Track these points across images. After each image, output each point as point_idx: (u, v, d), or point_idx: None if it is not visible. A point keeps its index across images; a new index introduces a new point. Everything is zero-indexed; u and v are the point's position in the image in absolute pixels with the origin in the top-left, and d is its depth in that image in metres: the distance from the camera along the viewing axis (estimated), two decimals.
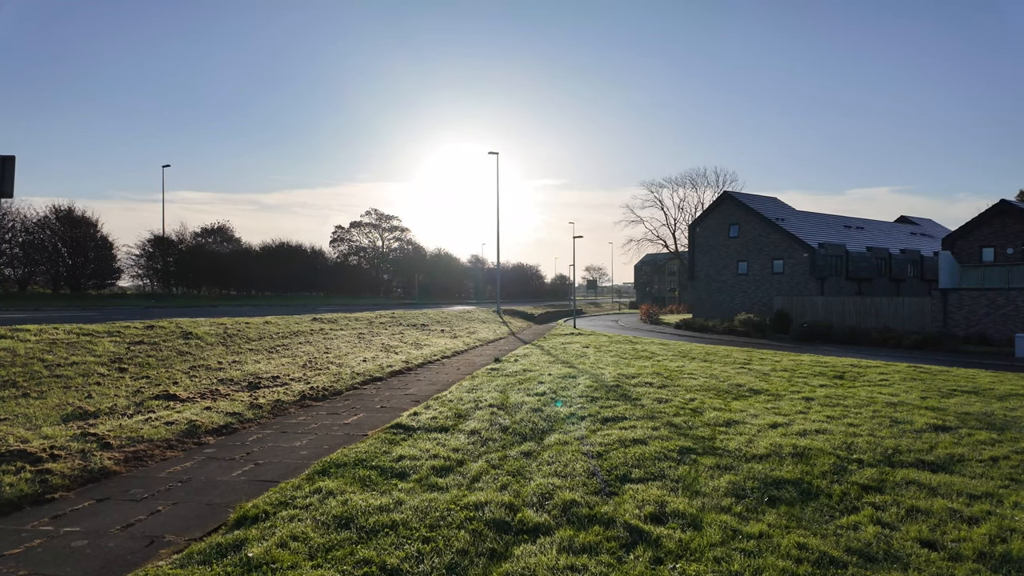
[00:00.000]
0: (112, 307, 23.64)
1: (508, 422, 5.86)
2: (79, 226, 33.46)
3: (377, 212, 68.34)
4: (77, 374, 7.17)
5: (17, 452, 4.37)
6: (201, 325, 12.04)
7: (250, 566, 2.69)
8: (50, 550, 3.08)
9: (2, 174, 8.13)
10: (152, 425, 5.47)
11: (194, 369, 8.40)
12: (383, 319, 19.53)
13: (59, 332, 9.22)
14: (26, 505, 3.74)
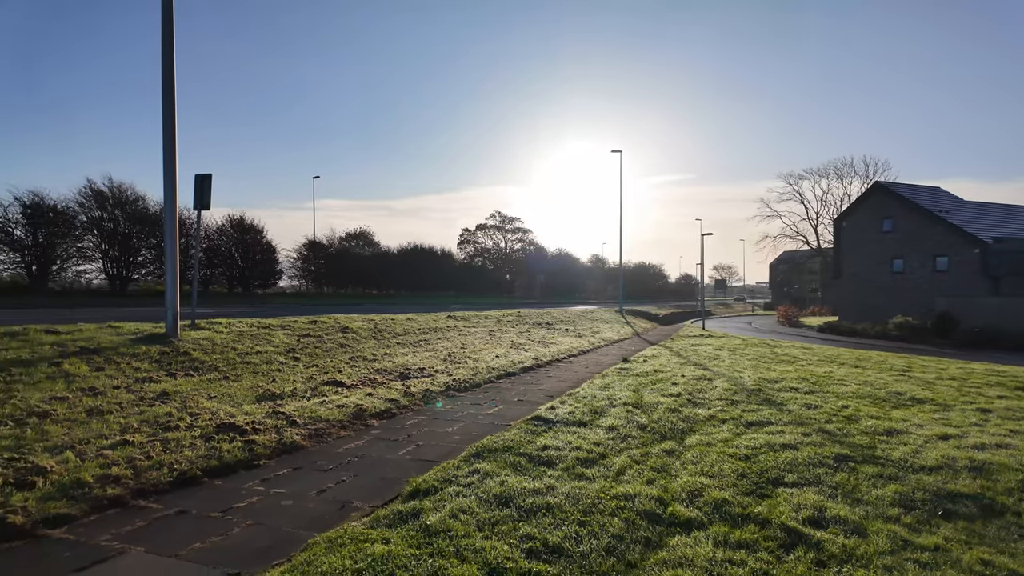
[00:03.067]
0: (275, 304, 26.69)
1: (645, 421, 5.92)
2: (249, 233, 38.18)
3: (500, 214, 70.35)
4: (262, 361, 8.30)
5: (228, 425, 5.21)
6: (354, 321, 13.29)
7: (429, 532, 3.06)
8: (265, 507, 3.69)
9: (202, 190, 9.60)
10: (327, 407, 6.22)
11: (353, 360, 9.34)
12: (509, 317, 20.19)
13: (243, 325, 10.69)
14: (240, 469, 4.47)
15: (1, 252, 27.88)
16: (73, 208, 29.57)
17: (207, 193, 9.49)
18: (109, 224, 30.79)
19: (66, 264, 30.21)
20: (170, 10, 8.75)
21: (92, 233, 30.48)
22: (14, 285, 27.76)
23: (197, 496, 3.86)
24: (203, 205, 9.58)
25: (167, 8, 8.72)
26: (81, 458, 4.12)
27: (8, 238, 27.70)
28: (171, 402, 5.88)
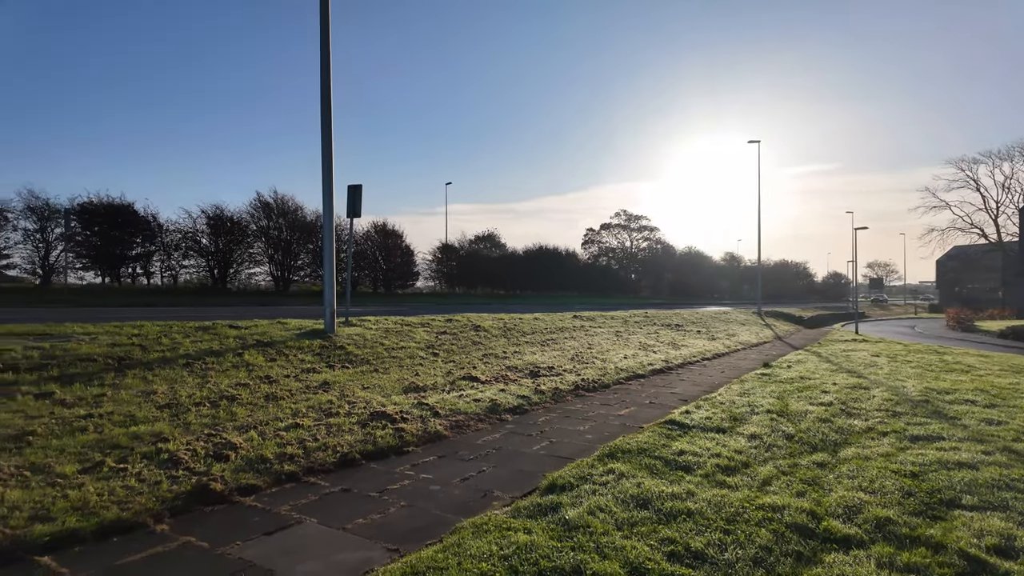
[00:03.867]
0: (413, 303, 28.43)
1: (792, 430, 5.55)
2: (390, 237, 41.17)
3: (626, 213, 69.05)
4: (405, 356, 8.94)
5: (380, 413, 5.69)
6: (485, 320, 13.83)
7: (569, 526, 3.14)
8: (416, 490, 3.99)
9: (354, 199, 10.52)
10: (464, 401, 6.56)
11: (486, 357, 9.73)
12: (637, 318, 19.80)
13: (388, 323, 11.57)
14: (391, 454, 4.87)
15: (191, 257, 32.63)
16: (245, 218, 33.79)
17: (358, 202, 10.42)
18: (274, 232, 34.75)
19: (240, 267, 34.59)
20: (327, 60, 9.72)
21: (260, 240, 34.59)
22: (201, 286, 32.35)
23: (356, 476, 4.27)
24: (355, 213, 10.53)
25: (325, 58, 9.70)
26: (262, 437, 4.73)
27: (197, 245, 32.36)
28: (331, 391, 6.54)
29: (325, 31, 9.67)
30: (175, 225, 31.63)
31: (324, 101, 9.63)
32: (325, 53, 9.64)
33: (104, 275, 30.24)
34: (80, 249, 28.30)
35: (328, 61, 9.67)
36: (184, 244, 32.09)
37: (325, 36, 9.66)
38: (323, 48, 9.65)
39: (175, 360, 6.93)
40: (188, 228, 31.97)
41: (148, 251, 31.12)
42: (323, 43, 9.66)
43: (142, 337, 7.66)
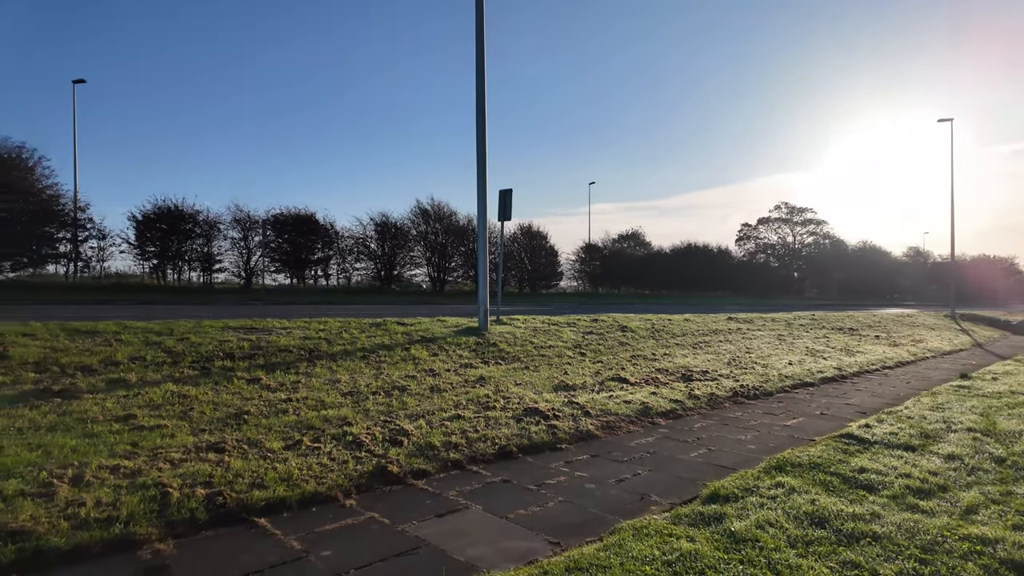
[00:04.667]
0: (557, 303, 28.79)
1: (1002, 453, 4.77)
2: (535, 238, 42.19)
3: (788, 205, 63.66)
4: (554, 355, 9.11)
5: (533, 409, 5.87)
6: (632, 320, 13.60)
7: (735, 539, 3.00)
8: (572, 487, 4.07)
9: (505, 203, 10.94)
10: (614, 402, 6.53)
11: (634, 358, 9.58)
12: (802, 320, 18.18)
13: (536, 322, 11.86)
14: (545, 450, 5.00)
15: (362, 261, 36.19)
16: (407, 224, 36.66)
17: (508, 206, 10.83)
18: (431, 236, 37.29)
19: (402, 269, 37.58)
20: (482, 64, 10.23)
21: (420, 244, 37.30)
22: (370, 286, 35.75)
23: (514, 469, 4.46)
24: (505, 216, 10.96)
25: (479, 61, 10.22)
26: (430, 426, 5.12)
27: (367, 250, 35.80)
28: (487, 386, 6.87)
29: (480, 64, 10.19)
30: (348, 232, 35.26)
31: (479, 120, 10.17)
32: (480, 82, 10.18)
33: (292, 277, 34.60)
34: (273, 254, 32.69)
35: (483, 89, 10.20)
36: (356, 249, 35.66)
37: (480, 67, 10.18)
38: (478, 76, 10.19)
39: (354, 353, 7.74)
40: (359, 234, 35.46)
41: (327, 255, 35.02)
42: (478, 71, 10.19)
43: (327, 332, 8.65)
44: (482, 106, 10.19)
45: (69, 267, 29.59)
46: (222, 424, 4.79)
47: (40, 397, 4.95)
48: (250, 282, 32.16)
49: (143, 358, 6.38)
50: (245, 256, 32.12)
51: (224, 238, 31.63)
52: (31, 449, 3.87)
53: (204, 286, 31.53)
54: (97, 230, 29.54)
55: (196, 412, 5.00)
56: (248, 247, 31.99)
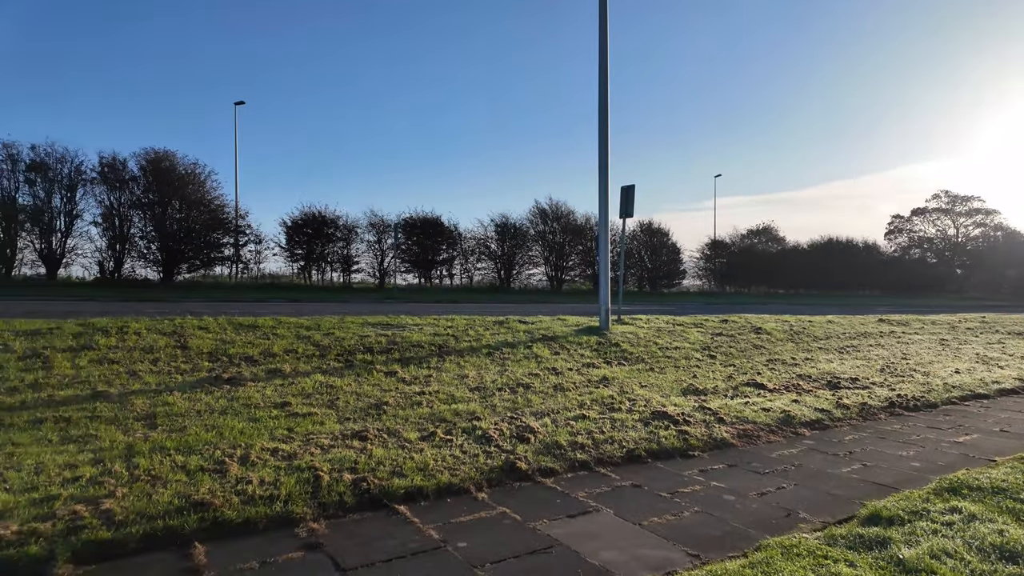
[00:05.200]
0: (680, 302, 27.70)
1: None
2: (656, 235, 40.96)
3: (948, 194, 56.17)
4: (680, 357, 8.75)
5: (660, 413, 5.66)
6: (767, 321, 12.71)
7: (905, 568, 2.66)
8: (708, 497, 3.85)
9: (627, 200, 10.69)
10: (751, 409, 6.12)
11: (771, 363, 8.93)
12: (969, 324, 15.95)
13: (659, 322, 11.47)
14: (676, 456, 4.80)
15: (483, 261, 37.35)
16: (525, 224, 37.26)
17: (631, 202, 10.57)
18: (549, 236, 37.56)
19: (521, 269, 38.25)
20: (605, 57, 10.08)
21: (538, 244, 37.72)
22: (490, 286, 36.78)
23: (644, 474, 4.31)
24: (627, 213, 10.71)
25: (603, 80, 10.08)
26: (555, 424, 5.11)
27: (487, 250, 36.89)
28: (610, 386, 6.75)
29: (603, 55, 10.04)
30: (471, 233, 36.55)
31: (601, 115, 10.03)
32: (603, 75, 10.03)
33: (420, 276, 36.52)
34: (403, 256, 34.70)
35: (606, 84, 10.04)
36: (477, 249, 36.85)
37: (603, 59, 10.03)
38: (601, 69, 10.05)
39: (479, 349, 7.97)
40: (480, 236, 36.62)
41: (451, 256, 36.56)
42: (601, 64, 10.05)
43: (454, 329, 8.99)
44: (604, 100, 10.03)
45: (232, 268, 33.50)
46: (364, 414, 5.13)
47: (213, 384, 5.62)
48: (383, 281, 34.39)
49: (295, 351, 7.02)
50: (379, 257, 34.41)
51: (361, 241, 34.13)
52: (207, 430, 4.39)
53: (344, 285, 34.22)
54: (255, 235, 33.15)
55: (341, 401, 5.40)
56: (382, 249, 34.23)
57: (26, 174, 27.17)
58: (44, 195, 27.86)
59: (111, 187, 28.68)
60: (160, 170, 28.95)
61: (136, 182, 29.04)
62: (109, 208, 28.90)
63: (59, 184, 27.96)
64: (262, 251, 33.73)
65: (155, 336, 7.03)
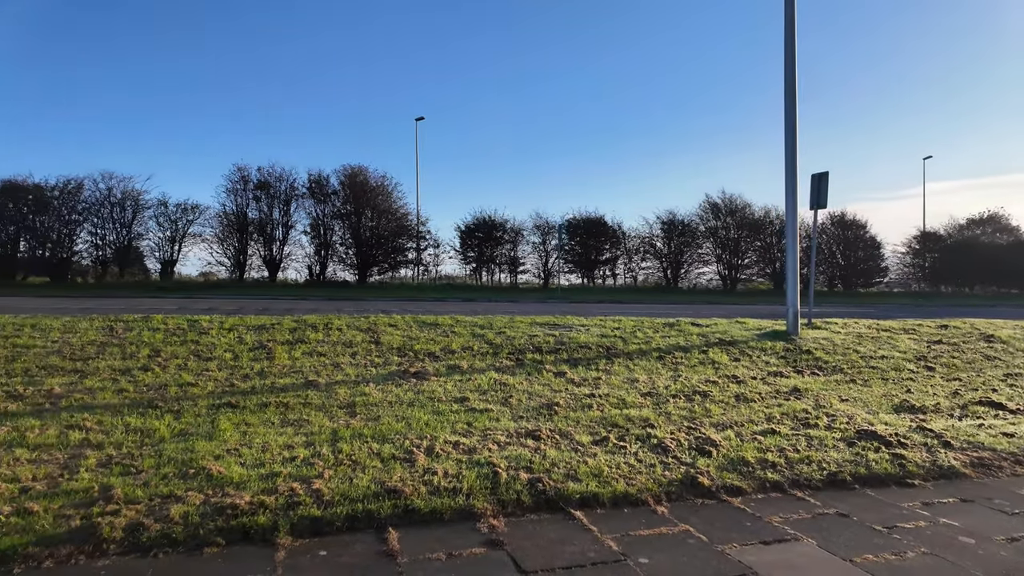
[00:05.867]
0: (881, 304, 24.30)
1: None
2: (850, 228, 36.41)
3: None
4: (889, 367, 7.58)
5: (867, 432, 4.93)
6: (1000, 327, 10.57)
7: None
8: (937, 536, 3.23)
9: (819, 188, 9.58)
10: (987, 433, 5.08)
11: (1010, 377, 7.38)
12: None
13: (859, 326, 10.11)
14: (890, 483, 4.12)
15: (648, 260, 36.37)
16: (695, 220, 35.50)
17: (824, 192, 9.45)
18: (722, 232, 35.35)
19: (689, 268, 36.51)
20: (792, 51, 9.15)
21: (709, 240, 35.71)
22: (656, 286, 35.67)
23: (850, 501, 3.76)
24: (819, 204, 9.60)
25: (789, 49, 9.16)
26: (739, 438, 4.70)
27: (652, 249, 35.85)
28: (803, 399, 6.05)
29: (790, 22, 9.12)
30: (635, 232, 35.84)
31: (788, 98, 9.12)
32: (790, 44, 9.11)
33: (583, 277, 36.66)
34: (567, 256, 35.11)
35: (793, 50, 9.10)
36: (642, 248, 35.99)
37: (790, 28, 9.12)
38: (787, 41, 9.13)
39: (649, 352, 7.68)
40: (645, 234, 35.71)
41: (614, 256, 36.17)
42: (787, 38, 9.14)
43: (621, 330, 8.79)
44: (792, 79, 9.09)
45: (415, 271, 36.61)
46: (536, 413, 5.19)
47: (402, 377, 6.10)
48: (547, 281, 35.11)
49: (471, 348, 7.37)
50: (543, 258, 35.22)
51: (527, 243, 35.23)
52: (398, 420, 4.76)
53: (511, 285, 35.57)
54: (433, 240, 35.89)
55: (514, 399, 5.52)
56: (546, 250, 35.01)
57: (254, 192, 32.36)
58: (267, 209, 32.94)
59: (317, 200, 33.02)
60: (355, 184, 32.65)
61: (336, 195, 33.10)
62: (316, 219, 33.33)
63: (278, 200, 32.86)
64: (439, 254, 36.36)
65: (354, 332, 7.86)
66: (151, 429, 4.29)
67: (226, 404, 4.97)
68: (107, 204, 31.53)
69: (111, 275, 32.45)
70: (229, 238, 32.94)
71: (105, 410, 4.70)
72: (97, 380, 5.50)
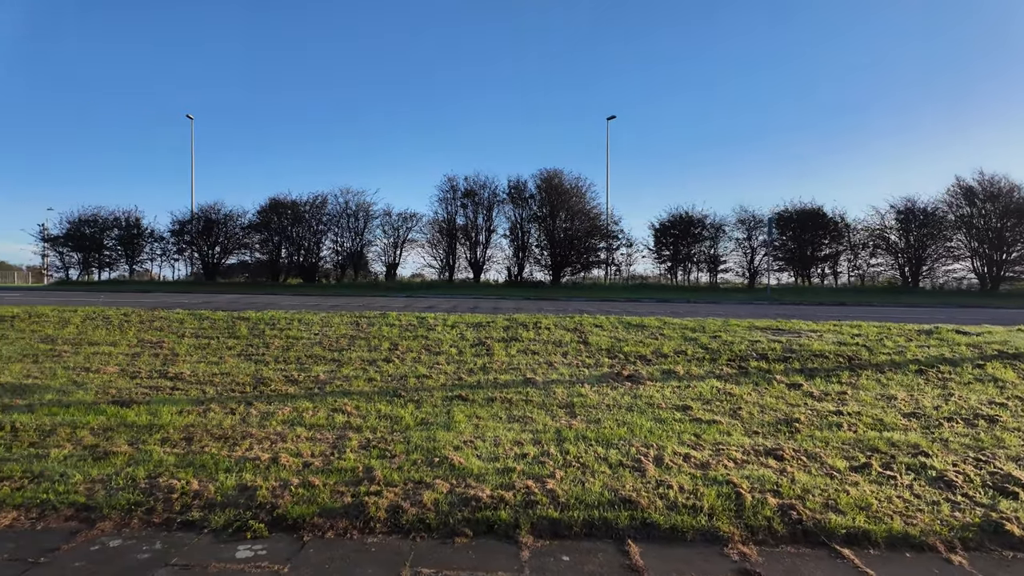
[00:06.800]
0: None
1: None
2: None
3: None
4: None
5: None
6: None
7: None
8: None
9: None
10: None
11: None
12: None
13: None
14: None
15: (879, 256, 31.50)
16: (941, 208, 29.87)
17: None
18: (978, 220, 29.23)
19: (935, 264, 30.80)
20: None
21: (960, 231, 29.79)
22: (888, 285, 30.74)
23: None
24: None
25: None
26: None
27: (885, 243, 30.96)
28: None
29: None
30: (862, 224, 31.40)
31: None
32: None
33: (796, 275, 33.10)
34: (777, 252, 32.00)
35: None
36: (871, 242, 31.32)
37: None
38: None
39: (904, 365, 6.51)
40: (876, 226, 31.03)
41: (835, 251, 32.05)
42: None
43: (863, 337, 7.61)
44: None
45: (606, 271, 36.49)
46: (773, 429, 4.66)
47: (615, 379, 5.96)
48: (752, 281, 32.38)
49: (684, 352, 6.96)
50: (748, 256, 32.57)
51: (728, 239, 32.93)
52: (618, 425, 4.61)
53: (709, 286, 33.55)
54: (626, 239, 35.41)
55: (744, 412, 5.03)
56: (751, 246, 32.33)
57: (462, 200, 35.08)
58: (472, 215, 35.49)
59: (516, 205, 34.68)
60: (551, 187, 33.61)
61: (533, 199, 34.40)
62: (514, 223, 35.04)
63: (482, 206, 35.22)
64: (632, 254, 35.75)
65: (561, 332, 7.94)
66: (398, 416, 4.72)
67: (457, 397, 5.30)
68: (345, 215, 36.76)
69: (347, 276, 37.77)
70: (440, 243, 36.20)
71: (359, 396, 5.32)
72: (351, 369, 6.28)
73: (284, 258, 38.48)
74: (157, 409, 4.72)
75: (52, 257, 40.96)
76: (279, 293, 24.75)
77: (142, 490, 3.28)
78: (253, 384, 5.65)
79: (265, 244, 38.09)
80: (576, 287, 32.29)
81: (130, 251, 39.78)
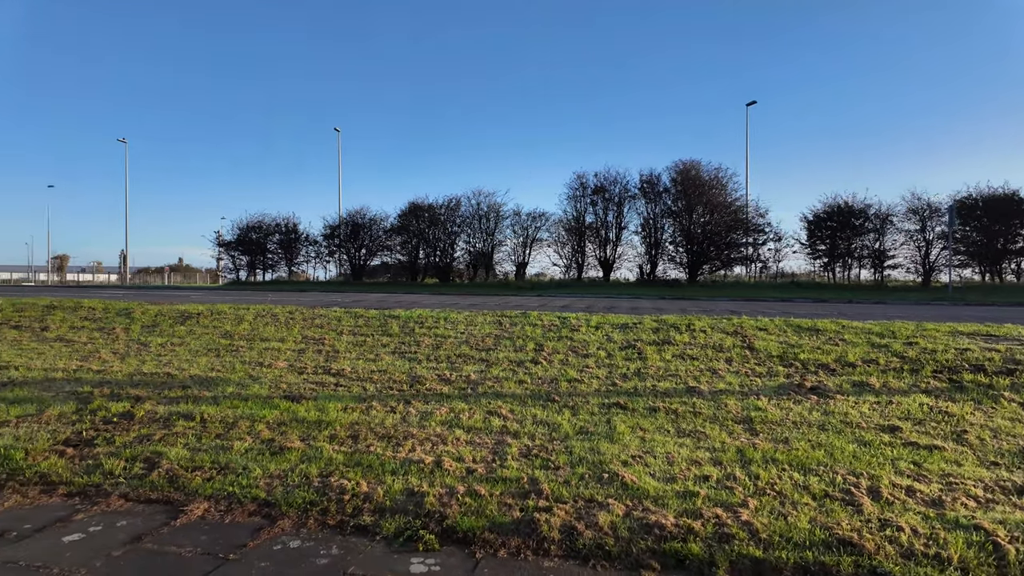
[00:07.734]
0: None
1: None
2: None
3: None
4: None
5: None
6: None
7: None
8: None
9: None
10: None
11: None
12: None
13: None
14: None
15: None
16: None
17: None
18: None
19: None
20: None
21: None
22: None
23: None
24: None
25: None
26: None
27: None
28: None
29: None
30: None
31: None
32: None
33: (983, 272, 28.47)
34: (958, 246, 27.73)
35: None
36: None
37: None
38: None
39: None
40: None
41: None
42: None
43: None
44: None
45: (750, 267, 33.97)
46: (1018, 460, 3.75)
47: (796, 391, 5.23)
48: (928, 278, 28.36)
49: (875, 361, 6.00)
50: (923, 249, 28.55)
51: (897, 231, 29.13)
52: (813, 447, 3.97)
53: (874, 284, 29.90)
54: (774, 233, 32.69)
55: (972, 436, 4.13)
56: (926, 239, 28.30)
57: (591, 197, 34.54)
58: (602, 213, 34.80)
59: (648, 200, 33.46)
60: (688, 179, 31.94)
61: (667, 193, 32.95)
62: (646, 219, 33.83)
63: (612, 203, 34.42)
64: (781, 249, 32.96)
65: (719, 335, 7.26)
66: (555, 423, 4.46)
67: (615, 404, 4.93)
68: (477, 216, 37.82)
69: (479, 276, 38.85)
70: (569, 241, 35.95)
71: (512, 399, 5.14)
72: (499, 370, 6.16)
73: (422, 259, 40.50)
74: (324, 405, 4.88)
75: (225, 260, 46.75)
76: (419, 292, 25.97)
77: (316, 489, 3.30)
78: (409, 383, 5.71)
79: (405, 246, 40.41)
80: (716, 286, 30.34)
81: (289, 254, 44.20)
